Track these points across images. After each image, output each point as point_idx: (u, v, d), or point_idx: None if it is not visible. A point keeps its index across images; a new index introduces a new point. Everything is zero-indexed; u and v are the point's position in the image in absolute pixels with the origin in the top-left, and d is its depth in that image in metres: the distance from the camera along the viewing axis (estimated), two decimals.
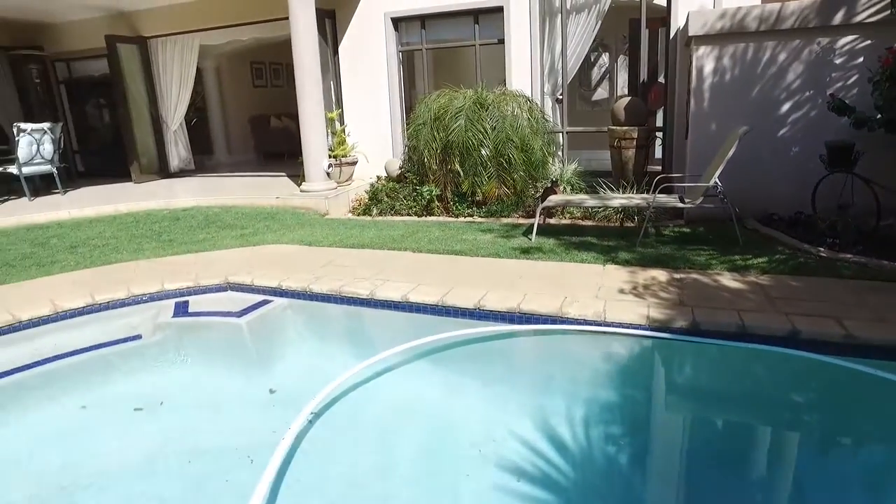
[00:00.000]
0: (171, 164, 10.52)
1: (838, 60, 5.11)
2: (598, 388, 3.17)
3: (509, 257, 4.71)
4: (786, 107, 5.33)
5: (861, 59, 5.02)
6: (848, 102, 4.82)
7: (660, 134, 7.17)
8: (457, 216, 6.66)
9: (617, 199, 5.35)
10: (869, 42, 4.96)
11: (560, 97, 7.55)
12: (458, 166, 6.59)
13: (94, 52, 9.95)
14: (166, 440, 2.76)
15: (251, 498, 2.09)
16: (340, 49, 8.36)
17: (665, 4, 6.73)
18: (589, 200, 5.46)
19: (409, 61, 8.47)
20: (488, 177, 6.56)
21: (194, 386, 3.32)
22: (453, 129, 6.53)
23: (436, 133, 6.69)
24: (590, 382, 3.26)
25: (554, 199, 5.57)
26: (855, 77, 5.07)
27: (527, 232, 5.51)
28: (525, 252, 4.81)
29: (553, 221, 6.22)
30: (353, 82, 8.43)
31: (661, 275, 4.07)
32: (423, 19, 7.89)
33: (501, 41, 7.49)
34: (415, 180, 7.16)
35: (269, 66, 13.84)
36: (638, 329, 3.31)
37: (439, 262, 4.68)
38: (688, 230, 5.45)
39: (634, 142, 6.47)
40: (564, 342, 3.44)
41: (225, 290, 4.42)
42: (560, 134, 7.50)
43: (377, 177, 8.01)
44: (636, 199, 5.24)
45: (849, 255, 4.19)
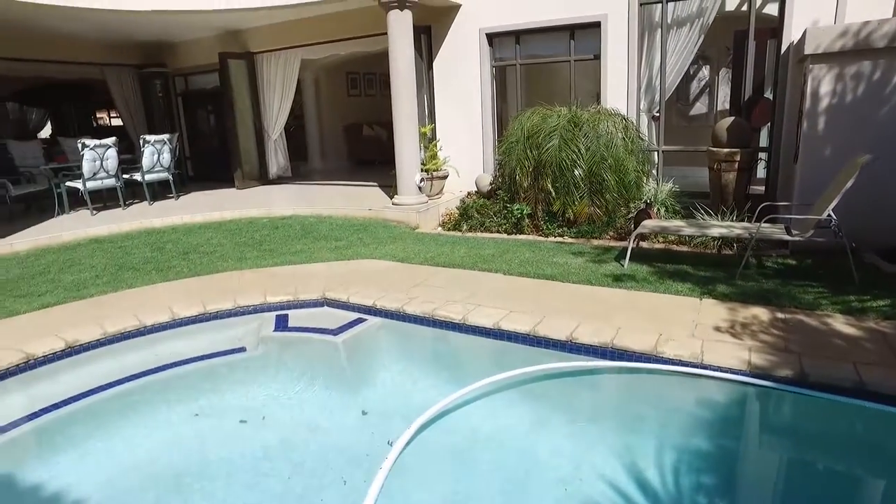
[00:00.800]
0: (270, 171, 11.15)
1: None
2: (692, 435, 3.05)
3: (601, 284, 4.63)
4: None
5: None
6: None
7: (763, 155, 6.78)
8: (546, 235, 6.61)
9: (716, 228, 5.07)
10: None
11: (657, 114, 7.31)
12: (550, 186, 6.54)
13: (207, 67, 10.82)
14: (267, 455, 2.94)
15: None
16: (434, 64, 8.53)
17: (777, 14, 6.35)
18: (686, 228, 5.22)
19: (501, 75, 8.51)
20: (580, 196, 6.46)
21: (293, 403, 3.50)
22: (547, 149, 6.49)
23: (528, 152, 6.67)
24: (683, 428, 3.15)
25: (648, 225, 5.40)
26: None
27: (619, 257, 5.39)
28: (617, 279, 4.72)
29: (646, 245, 6.04)
30: (446, 96, 8.57)
31: (762, 313, 3.85)
32: (518, 35, 7.90)
33: (597, 57, 7.36)
34: (505, 197, 7.18)
35: (363, 76, 14.37)
36: (737, 374, 3.15)
37: (530, 287, 4.68)
38: (793, 262, 5.11)
39: (736, 164, 6.13)
40: (658, 382, 3.34)
41: (322, 305, 4.63)
42: (655, 153, 7.28)
43: (467, 192, 8.10)
44: (737, 230, 4.94)
45: None
